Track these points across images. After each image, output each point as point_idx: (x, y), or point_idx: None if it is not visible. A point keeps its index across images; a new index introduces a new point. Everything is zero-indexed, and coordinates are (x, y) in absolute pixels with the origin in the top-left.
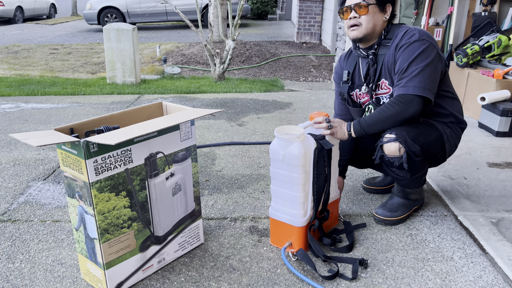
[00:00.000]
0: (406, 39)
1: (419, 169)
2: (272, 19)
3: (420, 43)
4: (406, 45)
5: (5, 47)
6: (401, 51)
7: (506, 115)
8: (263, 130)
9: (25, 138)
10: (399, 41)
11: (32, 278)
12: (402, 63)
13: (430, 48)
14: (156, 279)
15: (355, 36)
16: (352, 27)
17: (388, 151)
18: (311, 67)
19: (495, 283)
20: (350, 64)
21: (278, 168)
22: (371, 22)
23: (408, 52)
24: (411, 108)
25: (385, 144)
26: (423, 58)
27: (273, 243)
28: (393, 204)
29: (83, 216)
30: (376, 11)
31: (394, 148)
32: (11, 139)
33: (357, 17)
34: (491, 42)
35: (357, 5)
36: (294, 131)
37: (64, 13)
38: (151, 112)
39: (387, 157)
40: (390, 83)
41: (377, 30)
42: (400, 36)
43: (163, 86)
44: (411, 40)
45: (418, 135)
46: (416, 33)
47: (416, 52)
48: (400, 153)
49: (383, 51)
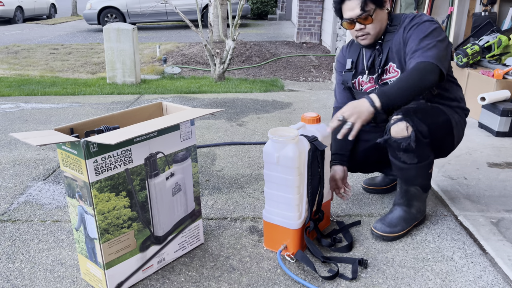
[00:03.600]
0: (416, 21)
1: (426, 155)
2: (272, 19)
3: (430, 23)
4: (417, 25)
5: (5, 47)
6: (412, 29)
7: (506, 115)
8: (263, 130)
9: (25, 137)
10: (408, 23)
11: (32, 278)
12: (415, 38)
13: (440, 29)
14: (156, 279)
15: (367, 44)
16: (360, 37)
17: (395, 132)
18: (311, 67)
19: (495, 283)
20: (353, 52)
21: (272, 170)
22: (377, 27)
23: (421, 30)
24: (430, 76)
25: (393, 125)
26: (436, 35)
27: (267, 246)
28: (393, 218)
29: (83, 216)
30: (378, 12)
31: (402, 127)
32: (11, 139)
33: (363, 28)
34: (491, 42)
35: (360, 18)
36: (288, 132)
37: (64, 13)
38: (151, 112)
39: (394, 139)
40: (399, 66)
41: (383, 26)
42: (408, 20)
43: (163, 86)
44: (422, 20)
45: (425, 116)
46: (424, 16)
47: (429, 29)
48: (408, 133)
49: (389, 37)
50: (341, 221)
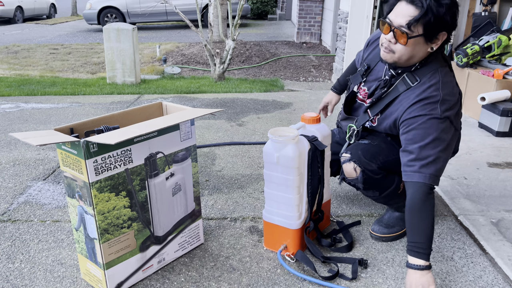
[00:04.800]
0: (427, 109)
1: (386, 187)
2: (272, 19)
3: (439, 122)
4: (424, 119)
5: (5, 47)
6: (417, 122)
7: (506, 115)
8: (263, 130)
9: (25, 137)
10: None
11: (32, 278)
12: (417, 140)
13: (448, 128)
14: (156, 279)
15: (384, 59)
16: (384, 49)
17: (346, 172)
18: (311, 67)
19: (495, 283)
20: (374, 58)
21: (272, 170)
22: (406, 54)
23: (426, 131)
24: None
25: (343, 164)
26: (439, 142)
27: (267, 246)
28: (389, 219)
29: (83, 216)
30: (419, 42)
31: (350, 168)
32: (11, 139)
33: (392, 42)
34: (491, 42)
35: (398, 30)
36: (288, 132)
37: (64, 13)
38: (151, 112)
39: (347, 179)
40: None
41: (413, 61)
42: (422, 89)
43: (163, 86)
44: (432, 115)
45: (376, 154)
46: (438, 106)
47: (434, 133)
48: (356, 174)
49: (401, 87)
50: (341, 221)
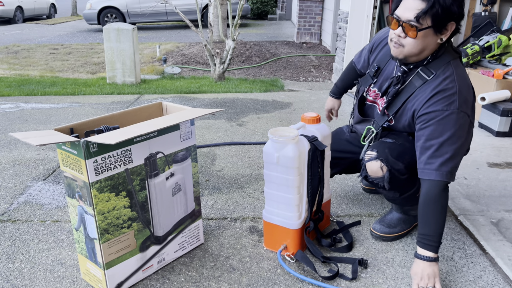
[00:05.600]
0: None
1: (408, 188)
2: (272, 19)
3: (457, 117)
4: (442, 113)
5: (5, 47)
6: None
7: (506, 115)
8: (263, 130)
9: (25, 137)
10: (432, 97)
11: (32, 278)
12: (436, 136)
13: (465, 123)
14: (156, 279)
15: (394, 55)
16: (393, 44)
17: (370, 171)
18: (311, 67)
19: (495, 283)
20: (383, 58)
21: (272, 170)
22: (416, 48)
23: (444, 127)
24: (446, 196)
25: (367, 162)
26: (456, 139)
27: (267, 246)
28: (392, 220)
29: (83, 216)
30: (429, 34)
31: (376, 167)
32: (11, 139)
33: (401, 37)
34: (491, 42)
35: (407, 24)
36: (288, 132)
37: (64, 13)
38: (151, 112)
39: (370, 178)
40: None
41: (424, 54)
42: (438, 82)
43: (163, 86)
44: (449, 110)
45: (403, 153)
46: (455, 98)
47: (452, 129)
48: (382, 173)
49: (416, 81)
50: (341, 221)
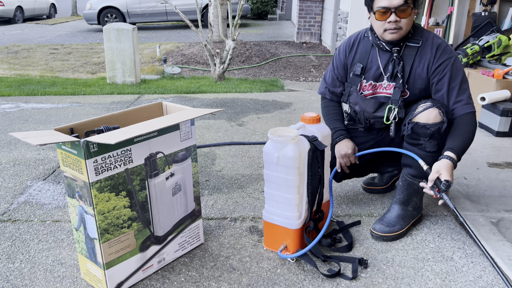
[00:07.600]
0: (447, 55)
1: (443, 147)
2: (272, 19)
3: (458, 59)
4: (450, 63)
5: (5, 47)
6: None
7: (506, 115)
8: (263, 130)
9: (25, 137)
10: (438, 51)
11: (32, 278)
12: (456, 82)
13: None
14: (156, 279)
15: (394, 39)
16: (390, 30)
17: (426, 118)
18: (311, 67)
19: (495, 283)
20: (362, 56)
21: (272, 170)
22: (409, 25)
23: (456, 71)
24: (476, 124)
25: (422, 112)
26: (464, 74)
27: (267, 246)
28: (391, 218)
29: (83, 216)
30: (411, 11)
31: (435, 113)
32: (11, 139)
33: (398, 21)
34: (491, 42)
35: (399, 9)
36: (288, 132)
37: (64, 13)
38: (151, 112)
39: (422, 124)
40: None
41: (408, 29)
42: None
43: (163, 86)
44: (453, 56)
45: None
46: (449, 47)
47: (461, 71)
48: (440, 118)
49: (409, 52)
50: (341, 221)
